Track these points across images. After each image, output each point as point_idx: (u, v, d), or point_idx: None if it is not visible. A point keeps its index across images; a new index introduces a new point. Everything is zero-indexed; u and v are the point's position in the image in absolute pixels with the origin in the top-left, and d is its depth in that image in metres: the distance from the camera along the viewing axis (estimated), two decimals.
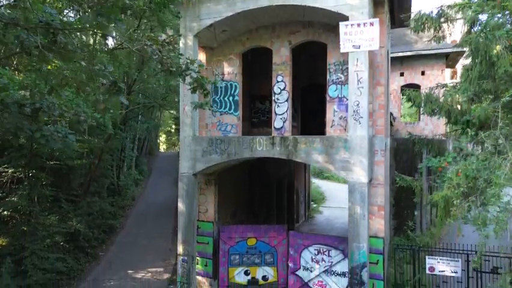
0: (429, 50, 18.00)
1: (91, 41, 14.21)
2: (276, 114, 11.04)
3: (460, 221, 6.75)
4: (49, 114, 4.62)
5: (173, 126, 47.70)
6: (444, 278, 9.99)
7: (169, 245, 16.25)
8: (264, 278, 12.33)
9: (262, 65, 14.09)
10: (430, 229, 14.51)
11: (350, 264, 9.07)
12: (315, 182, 36.31)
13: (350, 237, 9.06)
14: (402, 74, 19.50)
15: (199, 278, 11.92)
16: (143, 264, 14.29)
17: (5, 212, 11.11)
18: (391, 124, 18.13)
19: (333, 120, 10.44)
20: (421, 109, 19.75)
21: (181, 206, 10.76)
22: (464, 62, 13.06)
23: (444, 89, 8.86)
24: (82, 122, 5.24)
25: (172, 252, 15.22)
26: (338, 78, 10.43)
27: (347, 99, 9.91)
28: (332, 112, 10.45)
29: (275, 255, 12.39)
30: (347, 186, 9.16)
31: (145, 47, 3.93)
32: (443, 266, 9.80)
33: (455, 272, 9.70)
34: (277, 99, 11.01)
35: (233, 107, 11.63)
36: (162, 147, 51.16)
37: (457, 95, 8.38)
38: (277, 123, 11.04)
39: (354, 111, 8.98)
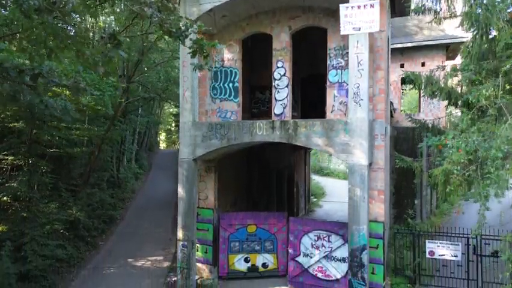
0: (429, 40, 17.96)
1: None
2: (276, 100, 11.03)
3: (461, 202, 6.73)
4: (48, 80, 4.60)
5: (173, 125, 47.86)
6: (444, 262, 9.99)
7: (169, 235, 16.24)
8: (264, 265, 12.33)
9: (262, 56, 14.08)
10: (430, 218, 14.50)
11: (350, 246, 9.07)
12: (315, 178, 36.39)
13: (350, 220, 9.05)
14: (402, 66, 19.41)
15: (199, 264, 11.91)
16: (143, 253, 14.29)
17: (5, 198, 11.09)
18: (391, 115, 18.09)
19: (333, 105, 10.42)
20: (421, 100, 19.78)
21: (181, 191, 10.75)
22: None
23: (445, 70, 8.84)
24: (81, 89, 5.21)
25: (172, 242, 15.21)
26: (338, 63, 10.41)
27: (347, 84, 9.90)
28: (332, 97, 10.43)
29: (275, 243, 12.39)
30: (348, 170, 9.14)
31: (145, 8, 3.89)
32: (443, 250, 9.80)
33: (455, 256, 9.70)
34: (278, 85, 10.99)
35: (233, 94, 11.61)
36: (162, 145, 51.21)
37: (458, 74, 8.33)
38: (277, 109, 11.01)
39: (354, 93, 8.96)
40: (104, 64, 3.98)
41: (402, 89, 23.54)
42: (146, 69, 19.12)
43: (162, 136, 51.28)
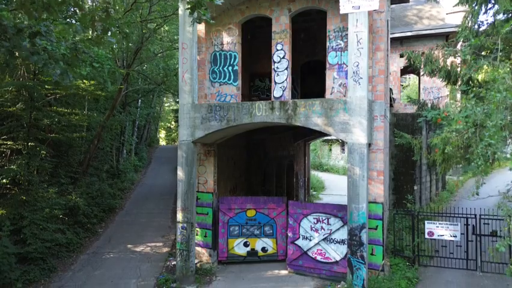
0: (429, 30, 17.95)
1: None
2: (275, 83, 11.02)
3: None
4: (47, 39, 4.59)
5: (173, 123, 47.91)
6: (443, 243, 10.00)
7: (169, 223, 16.25)
8: (264, 249, 12.34)
9: (262, 44, 14.10)
10: (430, 205, 14.51)
11: (349, 225, 9.08)
12: (315, 174, 36.44)
13: (349, 199, 9.06)
14: (402, 56, 19.42)
15: (199, 248, 11.92)
16: (142, 239, 14.29)
17: (4, 181, 11.08)
18: (391, 105, 18.11)
19: (333, 87, 10.42)
20: (421, 91, 19.78)
21: (180, 173, 10.75)
22: (463, 44, 13.04)
23: (444, 48, 8.84)
24: (79, 49, 5.17)
25: (171, 230, 15.22)
26: (337, 45, 10.41)
27: (347, 66, 9.90)
28: (331, 79, 10.43)
29: (274, 227, 12.40)
30: (347, 150, 9.14)
31: None
32: (442, 231, 9.82)
33: (454, 236, 9.71)
34: (277, 67, 10.98)
35: (232, 77, 11.60)
36: (162, 143, 51.29)
37: (457, 55, 8.33)
38: (276, 92, 11.01)
39: (353, 72, 8.97)
40: (102, 20, 3.96)
41: (402, 85, 23.57)
42: (145, 59, 19.10)
43: (162, 134, 51.35)
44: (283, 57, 10.93)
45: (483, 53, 8.02)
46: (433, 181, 15.83)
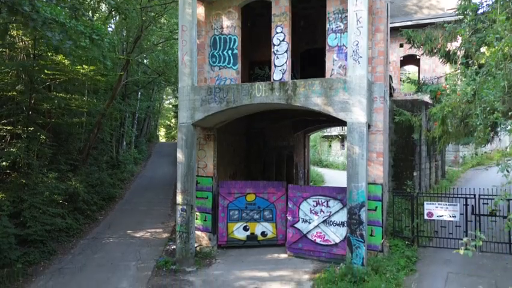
0: (429, 19, 17.93)
1: None
2: (275, 66, 11.00)
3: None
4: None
5: (173, 121, 47.99)
6: (442, 223, 10.02)
7: (169, 211, 16.28)
8: (263, 234, 12.36)
9: (262, 31, 14.09)
10: (429, 192, 14.53)
11: (349, 204, 9.09)
12: (315, 169, 36.50)
13: (349, 178, 9.07)
14: (401, 45, 19.45)
15: (198, 232, 11.94)
16: (142, 226, 14.31)
17: (4, 163, 11.08)
18: (390, 94, 18.12)
19: (333, 69, 10.41)
20: (420, 81, 19.77)
21: (180, 156, 10.76)
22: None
23: (443, 29, 8.83)
24: (78, 11, 5.16)
25: (171, 217, 15.25)
26: (337, 27, 10.40)
27: (346, 48, 9.90)
28: (331, 61, 10.42)
29: (274, 212, 12.42)
30: (347, 130, 9.15)
31: None
32: (441, 211, 9.83)
33: (453, 217, 9.73)
34: (277, 50, 10.96)
35: (232, 61, 11.59)
36: (162, 140, 51.42)
37: (457, 37, 8.32)
38: (276, 75, 10.98)
39: (353, 51, 8.97)
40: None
41: (401, 79, 23.57)
42: (145, 49, 19.10)
43: (162, 132, 51.42)
44: (283, 40, 10.91)
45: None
46: (433, 169, 15.85)
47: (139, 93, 26.26)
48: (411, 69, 30.18)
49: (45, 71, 12.12)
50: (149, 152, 31.10)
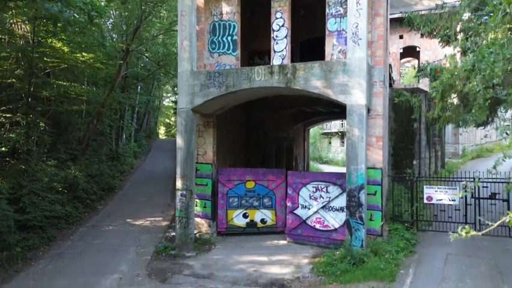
0: (429, 10, 17.90)
1: None
2: (274, 51, 10.97)
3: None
4: None
5: (173, 119, 48.01)
6: (441, 207, 10.01)
7: (168, 201, 16.27)
8: (263, 221, 12.35)
9: (261, 21, 14.05)
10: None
11: (348, 186, 9.08)
12: (315, 165, 36.51)
13: (348, 160, 9.07)
14: (401, 37, 19.47)
15: (198, 219, 11.93)
16: (142, 215, 14.30)
17: (3, 149, 11.06)
18: (390, 85, 18.13)
19: (332, 54, 10.38)
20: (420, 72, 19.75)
21: (179, 141, 10.75)
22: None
23: (444, 10, 8.82)
24: None
25: (170, 207, 15.24)
26: (337, 11, 10.36)
27: (346, 32, 9.88)
28: (330, 46, 10.40)
29: (273, 199, 12.41)
30: (347, 112, 9.13)
31: None
32: (440, 195, 9.82)
33: (453, 200, 9.72)
34: (276, 36, 10.94)
35: (231, 47, 11.57)
36: (162, 138, 51.48)
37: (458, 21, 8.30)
38: (276, 61, 10.95)
39: (353, 33, 8.96)
40: None
41: (402, 75, 23.58)
42: (145, 40, 19.08)
43: (162, 130, 51.44)
44: (283, 26, 10.89)
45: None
46: (432, 158, 15.85)
47: (139, 87, 26.25)
48: (411, 67, 30.24)
49: (45, 59, 12.10)
50: (149, 147, 31.11)
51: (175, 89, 37.13)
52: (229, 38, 11.61)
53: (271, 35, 11.00)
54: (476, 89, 5.08)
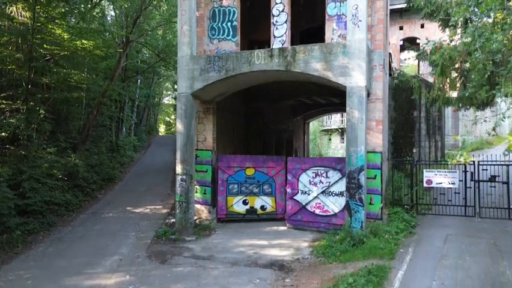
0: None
1: None
2: (274, 37, 10.96)
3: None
4: None
5: (173, 117, 47.96)
6: (441, 191, 10.02)
7: (168, 191, 16.28)
8: (263, 207, 12.36)
9: (261, 11, 14.04)
10: None
11: (348, 168, 9.09)
12: None
13: (348, 142, 9.08)
14: (401, 28, 19.46)
15: (198, 206, 11.94)
16: (142, 203, 14.31)
17: (3, 134, 11.05)
18: (390, 74, 18.12)
19: (332, 39, 10.37)
20: (420, 65, 19.75)
21: (179, 126, 10.75)
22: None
23: None
24: None
25: (170, 196, 15.24)
26: None
27: (346, 17, 9.88)
28: (330, 30, 10.39)
29: (273, 186, 12.42)
30: (346, 94, 9.13)
31: None
32: (440, 178, 9.83)
33: (452, 184, 9.72)
34: (276, 21, 10.93)
35: (231, 33, 11.57)
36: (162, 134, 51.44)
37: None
38: (275, 45, 10.94)
39: (352, 15, 8.96)
40: None
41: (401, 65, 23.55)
42: (145, 31, 19.07)
43: (162, 129, 51.45)
44: (283, 11, 10.88)
45: None
46: (432, 148, 15.84)
47: (139, 80, 26.25)
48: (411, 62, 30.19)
49: (45, 46, 12.09)
50: (149, 142, 31.10)
51: (175, 86, 37.19)
52: (229, 24, 11.61)
53: (271, 20, 11.00)
54: (476, 60, 5.06)
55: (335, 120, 48.64)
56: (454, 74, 6.49)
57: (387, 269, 6.66)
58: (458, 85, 6.64)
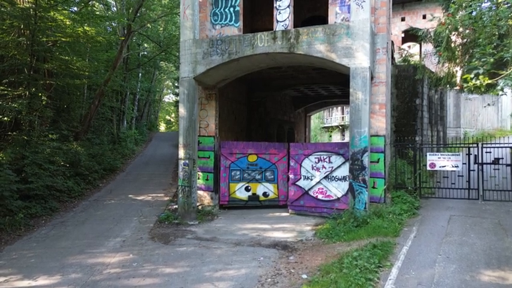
0: None
1: None
2: (277, 21, 10.92)
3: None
4: None
5: (173, 115, 47.87)
6: (445, 174, 9.99)
7: (170, 181, 16.26)
8: (265, 194, 12.35)
9: (263, 1, 14.04)
10: None
11: (351, 150, 9.06)
12: None
13: (351, 124, 9.05)
14: (403, 19, 19.42)
15: (200, 192, 11.91)
16: (144, 191, 14.28)
17: (5, 118, 11.02)
18: (392, 63, 18.08)
19: (335, 22, 10.35)
20: (421, 54, 19.66)
21: (182, 110, 10.73)
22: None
23: None
24: None
25: (172, 185, 15.23)
26: None
27: (349, 0, 9.85)
28: (333, 14, 10.36)
29: (276, 172, 12.40)
30: (350, 75, 9.09)
31: None
32: (444, 161, 9.80)
33: (456, 167, 9.69)
34: (279, 6, 10.88)
35: (234, 19, 11.52)
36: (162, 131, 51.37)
37: None
38: (278, 29, 10.92)
39: None
40: None
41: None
42: (146, 21, 19.03)
43: (162, 127, 51.43)
44: None
45: None
46: (434, 138, 15.81)
47: (140, 74, 26.22)
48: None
49: (47, 32, 12.05)
50: (150, 137, 31.10)
51: (176, 83, 37.16)
52: (231, 9, 11.57)
53: (274, 5, 10.96)
54: (482, 21, 5.01)
55: (335, 117, 48.61)
56: (458, 48, 6.46)
57: (392, 245, 6.65)
58: (462, 61, 6.60)
